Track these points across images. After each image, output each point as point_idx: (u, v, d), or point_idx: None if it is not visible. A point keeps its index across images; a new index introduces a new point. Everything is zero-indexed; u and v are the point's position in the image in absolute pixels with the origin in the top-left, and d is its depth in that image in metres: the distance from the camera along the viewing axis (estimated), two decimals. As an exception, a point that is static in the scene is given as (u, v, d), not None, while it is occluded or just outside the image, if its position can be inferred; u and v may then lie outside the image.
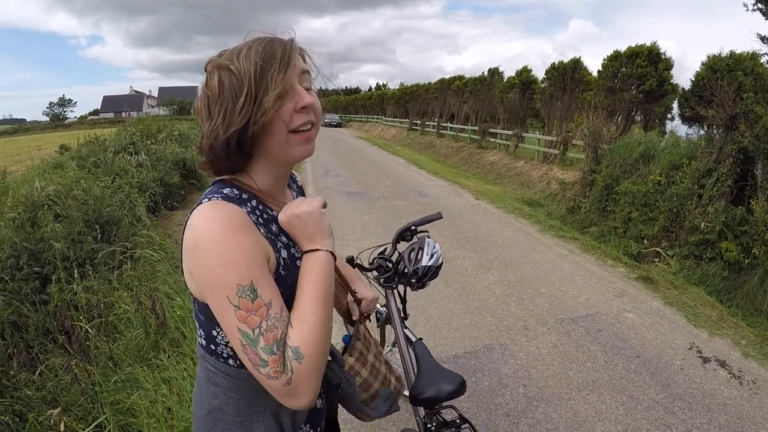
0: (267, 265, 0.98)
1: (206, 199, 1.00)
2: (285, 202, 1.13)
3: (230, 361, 1.07)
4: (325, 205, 1.14)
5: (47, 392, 2.93)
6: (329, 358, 1.26)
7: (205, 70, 1.04)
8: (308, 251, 1.07)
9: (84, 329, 3.40)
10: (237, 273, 0.92)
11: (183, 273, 1.03)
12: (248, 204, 1.04)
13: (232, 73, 0.97)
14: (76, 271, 3.96)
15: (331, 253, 1.08)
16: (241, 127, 0.96)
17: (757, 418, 3.10)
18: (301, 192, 1.35)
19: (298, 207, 1.09)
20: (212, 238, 0.92)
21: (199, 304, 1.04)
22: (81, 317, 3.54)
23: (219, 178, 1.09)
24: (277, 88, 0.96)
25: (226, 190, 1.03)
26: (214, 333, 1.06)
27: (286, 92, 0.99)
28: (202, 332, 1.09)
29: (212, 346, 1.08)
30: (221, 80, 0.98)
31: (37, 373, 3.00)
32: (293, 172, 1.29)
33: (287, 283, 1.04)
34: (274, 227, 1.07)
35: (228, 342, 1.04)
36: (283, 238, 1.08)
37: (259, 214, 1.05)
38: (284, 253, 1.06)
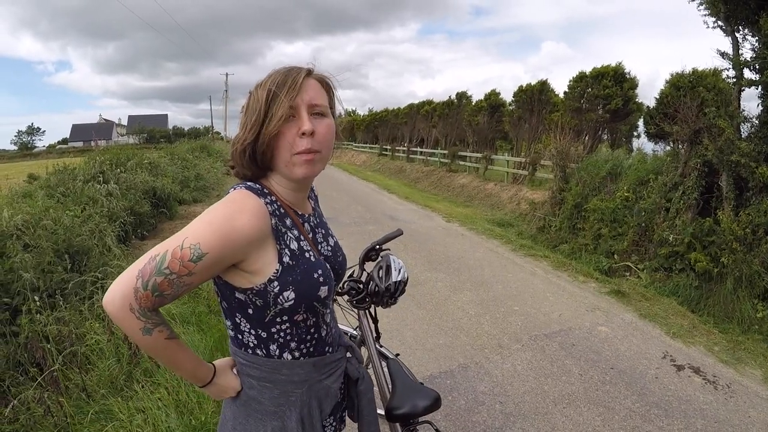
0: (229, 258, 1.09)
1: (232, 189, 1.18)
2: (301, 210, 1.29)
3: (258, 351, 1.22)
4: None
5: (20, 425, 2.87)
6: (348, 354, 1.45)
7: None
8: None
9: (56, 360, 3.31)
10: (207, 239, 1.05)
11: None
12: (268, 197, 1.18)
13: (253, 96, 1.17)
14: (46, 302, 3.84)
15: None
16: (251, 141, 1.14)
17: (734, 421, 3.11)
18: (317, 202, 1.48)
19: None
20: (218, 210, 1.10)
21: (221, 288, 1.18)
22: (52, 348, 3.44)
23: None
24: (279, 111, 1.11)
25: (249, 183, 1.19)
26: (237, 320, 1.20)
27: (291, 117, 1.14)
28: (228, 323, 1.23)
29: (239, 336, 1.22)
30: (247, 101, 1.19)
31: (9, 407, 2.89)
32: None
33: (296, 271, 1.16)
34: (288, 221, 1.21)
35: (251, 329, 1.20)
36: (295, 232, 1.21)
37: (277, 206, 1.19)
38: (294, 245, 1.19)
